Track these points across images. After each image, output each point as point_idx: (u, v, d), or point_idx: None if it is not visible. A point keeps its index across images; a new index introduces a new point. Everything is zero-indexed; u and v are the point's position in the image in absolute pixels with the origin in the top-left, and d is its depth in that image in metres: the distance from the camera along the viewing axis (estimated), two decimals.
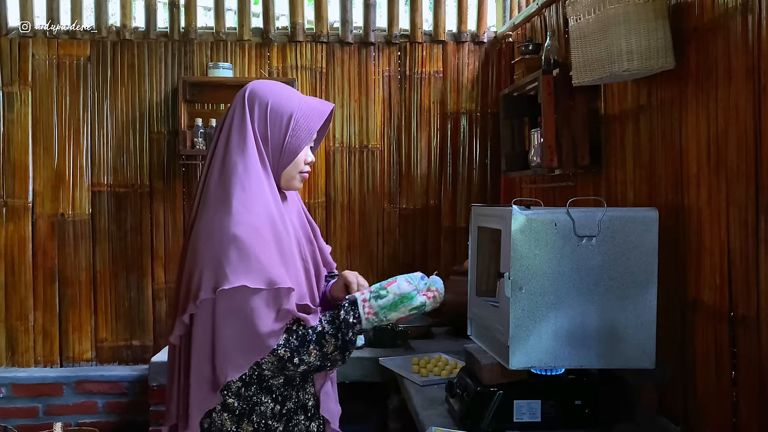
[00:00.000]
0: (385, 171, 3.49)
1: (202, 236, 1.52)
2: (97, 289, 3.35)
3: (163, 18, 3.47)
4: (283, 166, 1.63)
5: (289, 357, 1.52)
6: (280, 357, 1.52)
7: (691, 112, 1.80)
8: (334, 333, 1.55)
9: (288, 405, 1.61)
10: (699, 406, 1.77)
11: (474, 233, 2.07)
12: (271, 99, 1.61)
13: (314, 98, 1.70)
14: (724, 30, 1.66)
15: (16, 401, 3.19)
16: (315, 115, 1.64)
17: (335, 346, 1.55)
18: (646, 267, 1.69)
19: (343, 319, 1.57)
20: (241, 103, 1.63)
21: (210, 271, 1.48)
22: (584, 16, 1.92)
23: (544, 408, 1.78)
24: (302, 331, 1.54)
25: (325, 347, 1.54)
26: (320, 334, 1.54)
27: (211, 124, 3.25)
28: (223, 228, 1.49)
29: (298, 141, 1.62)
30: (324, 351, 1.54)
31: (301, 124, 1.61)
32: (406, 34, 3.48)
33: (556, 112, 2.40)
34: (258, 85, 1.66)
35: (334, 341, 1.54)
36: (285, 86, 1.69)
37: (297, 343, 1.52)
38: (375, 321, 1.59)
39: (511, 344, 1.66)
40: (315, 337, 1.54)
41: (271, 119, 1.60)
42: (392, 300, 1.59)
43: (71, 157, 3.32)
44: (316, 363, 1.55)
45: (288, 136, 1.60)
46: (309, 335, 1.53)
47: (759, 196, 1.53)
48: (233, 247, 1.48)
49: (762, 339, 1.53)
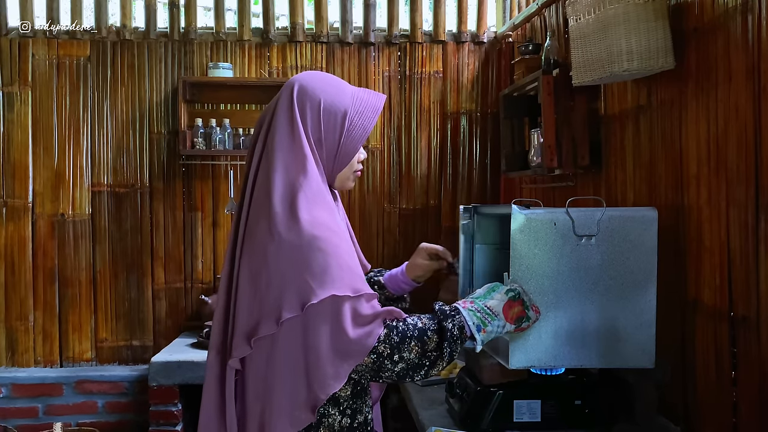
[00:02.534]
0: (385, 171, 3.49)
1: (270, 254, 1.39)
2: (97, 289, 3.35)
3: (163, 18, 3.48)
4: (338, 168, 1.51)
5: (389, 354, 1.38)
6: (380, 354, 1.38)
7: (691, 112, 1.80)
8: (435, 328, 1.41)
9: (358, 418, 1.49)
10: (699, 406, 1.77)
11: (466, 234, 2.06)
12: (323, 97, 1.47)
13: (365, 90, 1.55)
14: (724, 30, 1.66)
15: (16, 401, 3.19)
16: (369, 111, 1.51)
17: (436, 343, 1.41)
18: (645, 267, 1.69)
19: (440, 312, 1.44)
20: (290, 102, 1.47)
21: (291, 288, 1.37)
22: (584, 16, 1.92)
23: (544, 408, 1.78)
24: (402, 326, 1.41)
25: (426, 344, 1.40)
26: (422, 330, 1.41)
27: (211, 124, 3.25)
28: (294, 242, 1.38)
29: (354, 142, 1.50)
30: (425, 348, 1.40)
31: (356, 123, 1.49)
32: (406, 34, 3.48)
33: (556, 112, 2.40)
34: (307, 81, 1.50)
35: (436, 337, 1.40)
36: (333, 79, 1.56)
37: (397, 339, 1.39)
38: (476, 310, 1.44)
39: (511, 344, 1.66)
40: (417, 333, 1.40)
41: (324, 121, 1.47)
42: (483, 291, 1.51)
43: (71, 157, 3.32)
44: (415, 360, 1.40)
45: (343, 137, 1.48)
46: (410, 330, 1.40)
47: (759, 196, 1.53)
48: (311, 260, 1.37)
49: (762, 339, 1.53)
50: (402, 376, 1.41)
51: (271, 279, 1.38)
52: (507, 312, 1.48)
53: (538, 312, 1.56)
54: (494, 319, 1.45)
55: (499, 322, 1.45)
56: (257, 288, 1.39)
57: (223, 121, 3.28)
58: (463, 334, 1.42)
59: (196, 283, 3.40)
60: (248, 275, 1.41)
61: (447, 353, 1.40)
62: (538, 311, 1.56)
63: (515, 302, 1.50)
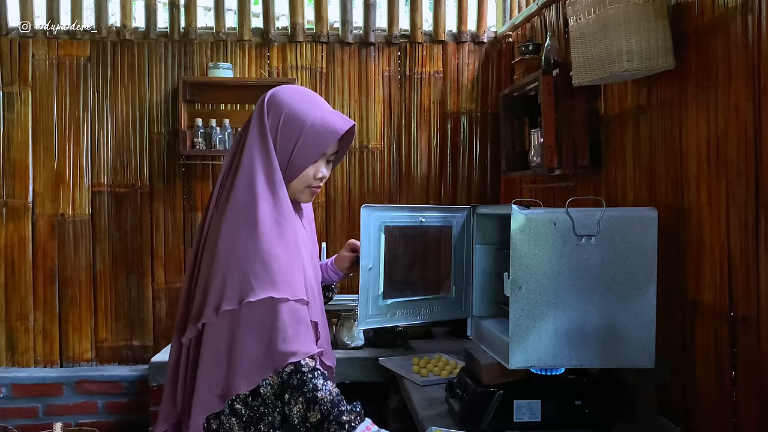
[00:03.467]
0: (385, 171, 3.49)
1: (224, 244, 1.51)
2: (97, 289, 3.35)
3: (163, 18, 3.48)
4: (289, 178, 1.60)
5: (282, 387, 1.49)
6: (282, 382, 1.49)
7: (691, 112, 1.80)
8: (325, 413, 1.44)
9: None
10: (699, 406, 1.77)
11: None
12: (287, 109, 1.57)
13: (335, 113, 1.63)
14: (724, 30, 1.66)
15: (16, 401, 3.19)
16: (327, 132, 1.58)
17: (317, 421, 1.45)
18: (645, 266, 1.69)
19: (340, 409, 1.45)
20: (260, 109, 1.59)
21: (235, 282, 1.48)
22: (584, 16, 1.92)
23: (544, 408, 1.77)
24: (304, 378, 1.47)
25: (310, 412, 1.46)
26: (313, 399, 1.46)
27: (211, 124, 3.25)
28: (247, 240, 1.49)
29: (305, 156, 1.58)
30: (307, 415, 1.47)
31: (311, 141, 1.57)
32: (406, 34, 3.48)
33: (556, 112, 2.40)
34: (279, 92, 1.62)
35: (320, 418, 1.45)
36: (308, 95, 1.64)
37: (296, 384, 1.47)
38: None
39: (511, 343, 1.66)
40: (310, 395, 1.46)
41: (282, 130, 1.56)
42: None
43: (71, 157, 3.32)
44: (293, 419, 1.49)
45: (295, 149, 1.57)
46: (308, 387, 1.46)
47: (759, 195, 1.53)
48: (258, 260, 1.48)
49: (762, 339, 1.53)
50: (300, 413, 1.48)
51: (219, 270, 1.50)
52: None
53: None
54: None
55: None
56: (208, 277, 1.51)
57: (223, 121, 3.28)
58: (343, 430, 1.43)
59: None
60: (205, 265, 1.54)
61: None
62: None
63: None
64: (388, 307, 1.93)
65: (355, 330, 3.01)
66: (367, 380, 2.87)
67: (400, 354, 2.85)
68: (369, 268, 1.82)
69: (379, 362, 2.67)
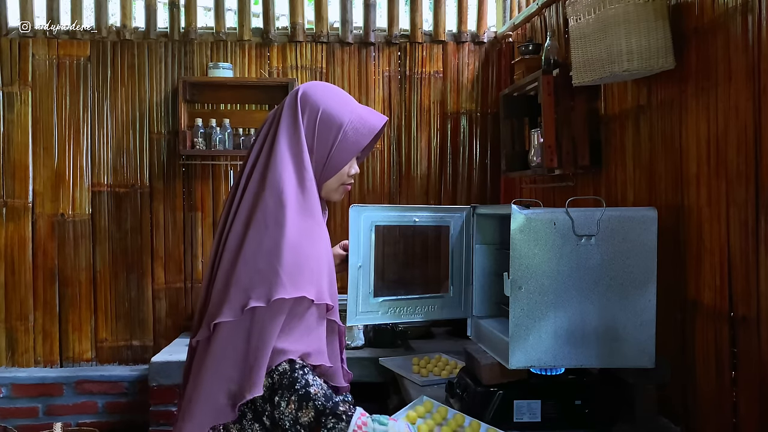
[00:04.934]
0: (385, 171, 3.49)
1: (251, 244, 1.45)
2: (97, 289, 3.35)
3: (163, 18, 3.48)
4: (325, 177, 1.58)
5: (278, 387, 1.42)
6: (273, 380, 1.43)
7: (691, 112, 1.80)
8: (320, 408, 1.41)
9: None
10: (699, 406, 1.77)
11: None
12: (323, 106, 1.54)
13: (367, 109, 1.62)
14: (724, 30, 1.66)
15: (16, 401, 3.19)
16: (365, 128, 1.57)
17: (310, 421, 1.41)
18: (645, 266, 1.69)
19: (334, 402, 1.42)
20: (293, 106, 1.55)
21: (263, 281, 1.42)
22: (584, 16, 1.92)
23: (544, 408, 1.77)
24: (295, 375, 1.42)
25: (302, 410, 1.41)
26: (306, 395, 1.41)
27: (211, 124, 3.25)
28: (277, 238, 1.44)
29: (344, 154, 1.56)
30: (298, 415, 1.41)
31: (350, 137, 1.55)
32: (406, 34, 3.48)
33: (556, 112, 2.40)
34: (312, 89, 1.58)
35: (314, 415, 1.40)
36: (338, 91, 1.62)
37: (286, 383, 1.42)
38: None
39: (511, 343, 1.66)
40: (303, 392, 1.41)
41: (320, 128, 1.54)
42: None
43: (71, 157, 3.32)
44: (285, 423, 1.42)
45: (334, 148, 1.55)
46: (300, 384, 1.42)
47: (759, 196, 1.53)
48: (288, 257, 1.43)
49: (762, 339, 1.53)
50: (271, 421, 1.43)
51: (246, 268, 1.44)
52: (396, 428, 1.44)
53: None
54: (384, 423, 1.42)
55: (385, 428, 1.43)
56: (229, 276, 1.45)
57: (223, 121, 3.28)
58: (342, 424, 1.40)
59: (196, 283, 3.40)
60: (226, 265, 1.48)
61: None
62: None
63: (409, 430, 1.45)
64: (379, 304, 1.95)
65: (355, 330, 3.01)
66: (367, 380, 2.87)
67: (400, 354, 2.85)
68: (359, 266, 1.83)
69: (379, 362, 2.67)
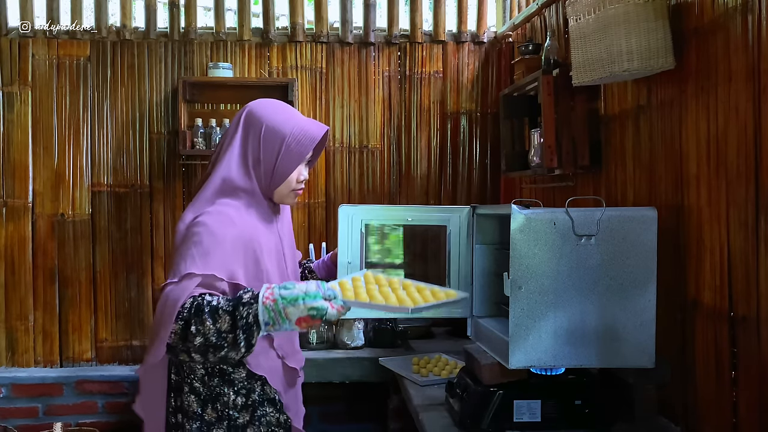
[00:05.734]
0: (385, 171, 3.49)
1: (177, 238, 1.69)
2: (97, 289, 3.35)
3: (163, 18, 3.48)
4: (275, 185, 1.75)
5: (192, 322, 1.48)
6: (186, 320, 1.48)
7: (691, 112, 1.80)
8: (229, 310, 1.48)
9: (253, 397, 1.71)
10: (699, 406, 1.77)
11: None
12: (266, 123, 1.73)
13: (310, 121, 1.79)
14: (724, 30, 1.66)
15: (16, 401, 3.19)
16: (306, 139, 1.74)
17: (229, 324, 1.47)
18: (645, 266, 1.69)
19: (239, 297, 1.51)
20: (237, 124, 1.75)
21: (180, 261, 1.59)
22: (584, 16, 1.92)
23: (544, 408, 1.78)
24: (201, 301, 1.50)
25: (218, 322, 1.47)
26: (215, 308, 1.49)
27: (211, 123, 3.25)
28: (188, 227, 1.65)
29: (289, 163, 1.73)
30: (218, 326, 1.47)
31: (293, 149, 1.72)
32: (406, 34, 3.48)
33: (556, 112, 2.40)
34: (256, 106, 1.77)
35: (229, 318, 1.47)
36: (282, 108, 1.79)
37: (193, 311, 1.48)
38: (272, 309, 1.47)
39: (511, 343, 1.66)
40: (209, 309, 1.48)
41: (264, 142, 1.72)
42: (295, 294, 1.48)
43: (71, 157, 3.32)
44: (211, 339, 1.47)
45: (279, 159, 1.72)
46: (204, 306, 1.49)
47: (759, 196, 1.53)
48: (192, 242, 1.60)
49: (762, 339, 1.53)
50: (202, 352, 1.48)
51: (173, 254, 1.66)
52: (300, 323, 1.49)
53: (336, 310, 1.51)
54: (284, 322, 1.47)
55: (288, 326, 1.48)
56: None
57: (223, 121, 3.28)
58: (258, 323, 1.47)
59: None
60: None
61: (242, 339, 1.47)
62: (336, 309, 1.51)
63: (314, 320, 1.49)
64: None
65: (355, 330, 3.01)
66: (367, 380, 2.88)
67: (400, 354, 2.85)
68: (348, 262, 1.96)
69: (379, 362, 2.68)
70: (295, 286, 1.51)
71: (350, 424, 3.25)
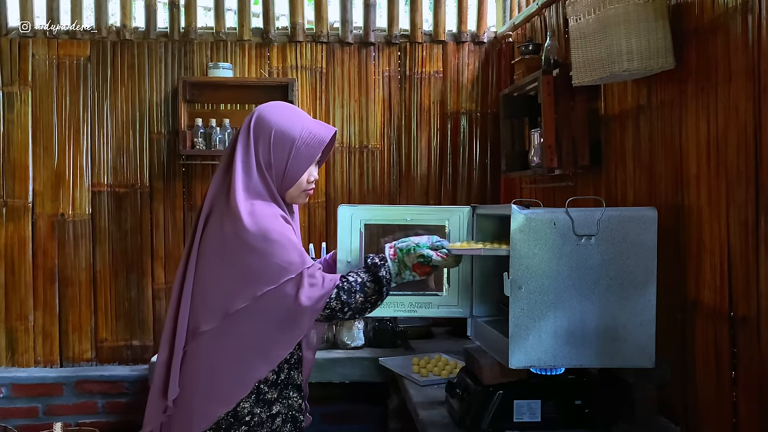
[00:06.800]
0: (385, 171, 3.49)
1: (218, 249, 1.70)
2: (97, 289, 3.35)
3: (163, 18, 3.48)
4: (286, 187, 1.78)
5: (340, 308, 1.70)
6: (333, 308, 1.70)
7: (691, 112, 1.80)
8: (372, 279, 1.74)
9: (281, 377, 1.75)
10: (699, 406, 1.77)
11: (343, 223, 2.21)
12: (275, 127, 1.75)
13: (317, 123, 1.82)
14: (724, 30, 1.66)
15: (16, 401, 3.19)
16: (315, 141, 1.77)
17: (374, 289, 1.74)
18: (645, 266, 1.69)
19: (372, 263, 1.77)
20: (247, 130, 1.77)
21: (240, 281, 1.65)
22: (584, 16, 1.92)
23: (544, 408, 1.78)
24: (347, 285, 1.71)
25: (367, 293, 1.73)
26: (362, 284, 1.73)
27: (211, 123, 3.25)
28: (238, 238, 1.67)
29: (299, 166, 1.76)
30: (366, 297, 1.73)
31: (302, 152, 1.76)
32: (406, 34, 3.48)
33: (556, 112, 2.40)
34: (265, 111, 1.79)
35: (375, 286, 1.74)
36: (290, 111, 1.82)
37: (345, 297, 1.70)
38: (396, 261, 1.76)
39: (511, 343, 1.66)
40: (358, 287, 1.73)
41: (274, 147, 1.74)
42: (408, 245, 1.77)
43: (71, 157, 3.32)
44: (359, 307, 1.73)
45: (290, 162, 1.75)
46: (353, 286, 1.72)
47: (759, 196, 1.53)
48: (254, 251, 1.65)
49: (762, 339, 1.53)
50: (350, 318, 1.77)
51: (219, 272, 1.68)
52: (416, 269, 1.78)
53: (442, 258, 1.78)
54: (406, 269, 1.77)
55: (409, 274, 1.77)
56: (215, 281, 1.69)
57: (223, 121, 3.28)
58: (391, 275, 1.76)
59: None
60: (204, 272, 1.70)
61: (385, 293, 1.75)
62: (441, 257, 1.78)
63: (423, 266, 1.77)
64: None
65: (355, 330, 3.01)
66: (367, 380, 2.87)
67: (400, 354, 2.85)
68: (348, 262, 1.99)
69: (379, 362, 2.68)
70: (410, 239, 1.80)
71: (350, 424, 3.25)
